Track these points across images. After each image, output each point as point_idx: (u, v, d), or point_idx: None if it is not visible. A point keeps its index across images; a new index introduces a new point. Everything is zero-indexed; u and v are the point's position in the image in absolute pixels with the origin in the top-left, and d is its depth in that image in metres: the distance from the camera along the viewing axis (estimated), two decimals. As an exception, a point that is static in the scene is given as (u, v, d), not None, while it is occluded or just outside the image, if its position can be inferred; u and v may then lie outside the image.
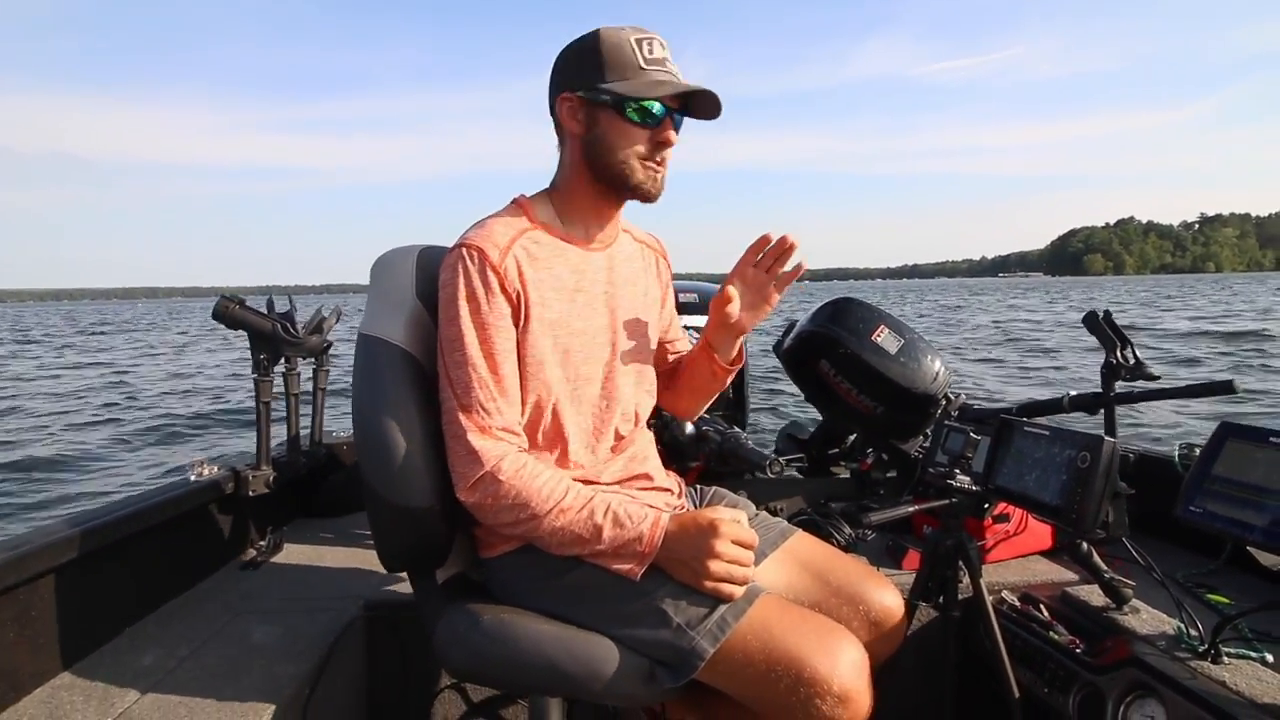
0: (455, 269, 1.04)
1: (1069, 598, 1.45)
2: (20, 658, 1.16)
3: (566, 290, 1.10)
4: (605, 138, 1.07)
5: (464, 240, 1.06)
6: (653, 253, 1.30)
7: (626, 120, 1.05)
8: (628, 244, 1.24)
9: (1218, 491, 1.12)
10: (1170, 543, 1.73)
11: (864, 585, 1.17)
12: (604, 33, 1.06)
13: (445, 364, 1.04)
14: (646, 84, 1.04)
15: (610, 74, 1.05)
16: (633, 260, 1.23)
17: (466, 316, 1.03)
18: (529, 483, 1.00)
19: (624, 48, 1.05)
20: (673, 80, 1.06)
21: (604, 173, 1.09)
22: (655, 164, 1.09)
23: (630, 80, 1.04)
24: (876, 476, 2.00)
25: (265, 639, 1.34)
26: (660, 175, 1.10)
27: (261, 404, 1.79)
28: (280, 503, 1.91)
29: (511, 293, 1.05)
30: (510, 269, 1.05)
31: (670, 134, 1.08)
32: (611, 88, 1.04)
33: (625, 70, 1.04)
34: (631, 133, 1.06)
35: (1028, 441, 1.25)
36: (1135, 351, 1.63)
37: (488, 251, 1.04)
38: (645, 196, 1.11)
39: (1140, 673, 1.16)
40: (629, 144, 1.07)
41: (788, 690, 0.93)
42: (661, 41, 1.07)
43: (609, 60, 1.05)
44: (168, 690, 1.17)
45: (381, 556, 1.13)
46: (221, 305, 1.73)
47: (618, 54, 1.05)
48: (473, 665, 1.05)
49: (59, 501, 5.24)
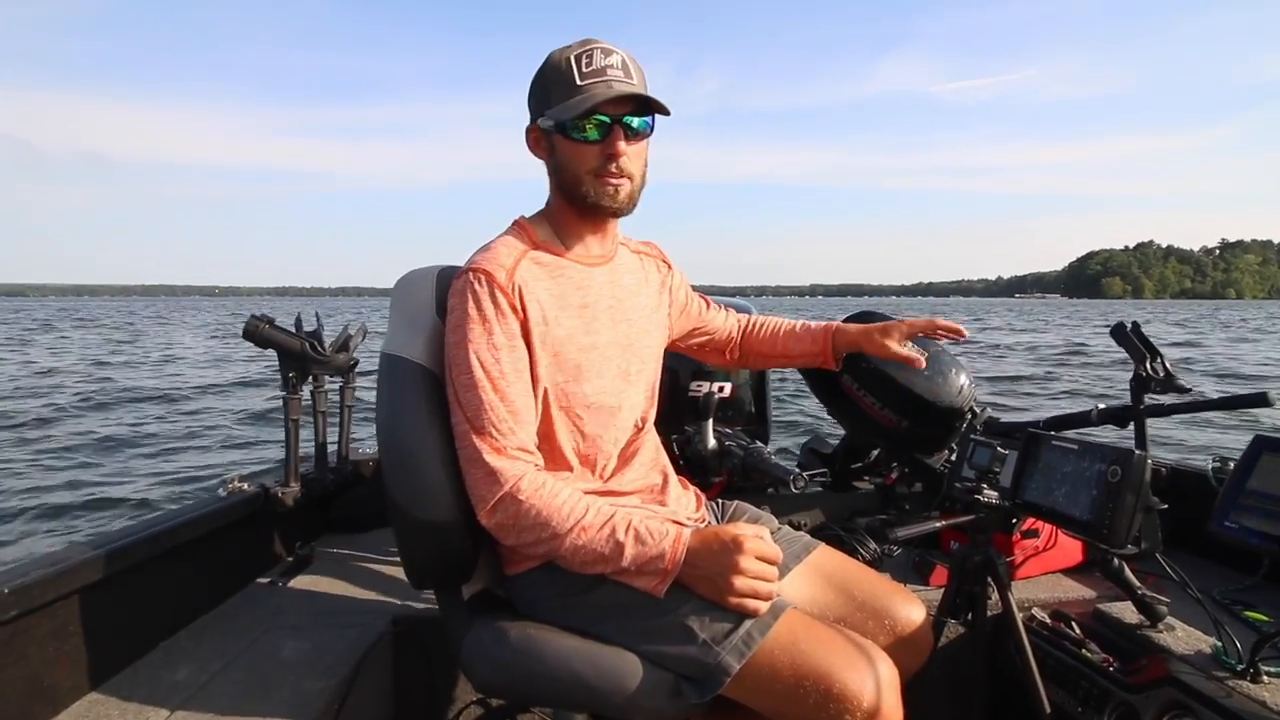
0: (464, 294, 1.05)
1: (1102, 615, 1.42)
2: (58, 673, 1.18)
3: (573, 307, 1.11)
4: (562, 162, 1.10)
5: (470, 265, 1.07)
6: (650, 259, 1.30)
7: (574, 141, 1.07)
8: (626, 256, 1.25)
9: (1253, 506, 1.09)
10: (1205, 558, 1.70)
11: (889, 600, 1.16)
12: (549, 58, 1.08)
13: (455, 388, 1.04)
14: (579, 101, 1.04)
15: (553, 98, 1.06)
16: (634, 271, 1.24)
17: (475, 339, 1.03)
18: (549, 501, 1.01)
19: (561, 68, 1.06)
20: (602, 91, 1.03)
21: (571, 195, 1.11)
22: (611, 178, 1.08)
23: (568, 101, 1.04)
24: (901, 491, 1.99)
25: (295, 654, 1.35)
26: (620, 187, 1.09)
27: (290, 421, 1.82)
28: (308, 519, 1.93)
29: (520, 313, 1.06)
30: (518, 290, 1.06)
31: (618, 145, 1.06)
32: (553, 113, 1.06)
33: (565, 91, 1.05)
34: (582, 152, 1.07)
35: (1056, 455, 1.23)
36: (1166, 363, 1.60)
37: (494, 274, 1.05)
38: (610, 212, 1.11)
39: (1177, 692, 1.14)
40: (582, 164, 1.08)
41: (816, 706, 0.92)
42: (606, 48, 1.06)
43: (550, 85, 1.07)
44: (200, 705, 1.18)
45: (408, 573, 1.14)
46: (251, 325, 1.76)
47: (556, 76, 1.06)
48: (498, 680, 1.05)
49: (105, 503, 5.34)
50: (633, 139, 1.08)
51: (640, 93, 1.05)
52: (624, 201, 1.10)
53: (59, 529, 4.58)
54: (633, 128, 1.07)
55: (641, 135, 1.09)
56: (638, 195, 1.13)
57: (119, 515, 4.90)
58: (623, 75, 1.06)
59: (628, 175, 1.09)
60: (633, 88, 1.05)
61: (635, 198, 1.12)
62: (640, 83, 1.08)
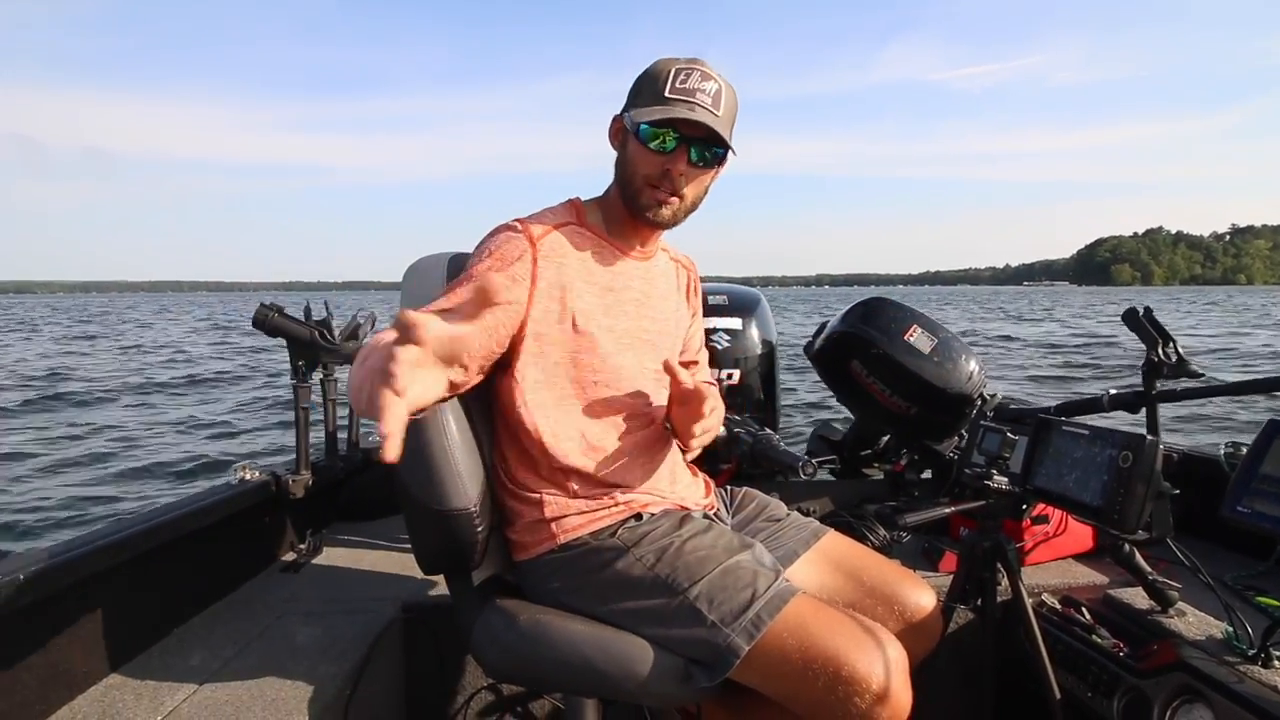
0: (496, 233, 1.09)
1: (1112, 600, 1.42)
2: (74, 658, 1.20)
3: (598, 286, 1.13)
4: (627, 159, 1.12)
5: (514, 218, 1.11)
6: (686, 272, 1.32)
7: (643, 145, 1.08)
8: (664, 260, 1.27)
9: (1267, 491, 1.09)
10: (1217, 544, 1.69)
11: (899, 585, 1.16)
12: (658, 61, 1.10)
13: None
14: (659, 111, 1.05)
15: (640, 100, 1.08)
16: (667, 276, 1.27)
17: (481, 263, 1.06)
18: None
19: (659, 77, 1.07)
20: (683, 111, 1.04)
21: (625, 191, 1.13)
22: (664, 192, 1.09)
23: (651, 107, 1.06)
24: (910, 478, 1.98)
25: (307, 640, 1.36)
26: (668, 204, 1.11)
27: (300, 409, 1.83)
28: (319, 506, 1.95)
29: (533, 265, 1.07)
30: (547, 247, 1.08)
31: (680, 164, 1.07)
32: (635, 113, 1.07)
33: (652, 98, 1.07)
34: (646, 158, 1.08)
35: (1067, 441, 1.22)
36: (1178, 348, 1.59)
37: (531, 227, 1.09)
38: (651, 222, 1.13)
39: (1188, 677, 1.14)
40: (642, 168, 1.09)
41: (825, 689, 0.93)
42: (706, 73, 1.07)
43: (644, 88, 1.09)
44: (215, 690, 1.20)
45: (418, 559, 1.15)
46: (261, 313, 1.77)
47: (652, 81, 1.08)
48: (508, 665, 1.06)
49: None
50: (697, 166, 1.09)
51: (711, 127, 1.05)
52: (666, 218, 1.12)
53: (70, 519, 4.63)
54: (699, 155, 1.08)
55: (706, 166, 1.10)
56: (683, 216, 1.14)
57: (133, 504, 4.96)
58: (710, 104, 1.07)
59: (679, 195, 1.11)
60: (713, 120, 1.06)
61: (680, 218, 1.14)
62: (727, 116, 1.09)
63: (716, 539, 1.08)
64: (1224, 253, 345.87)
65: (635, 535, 1.08)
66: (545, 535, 1.10)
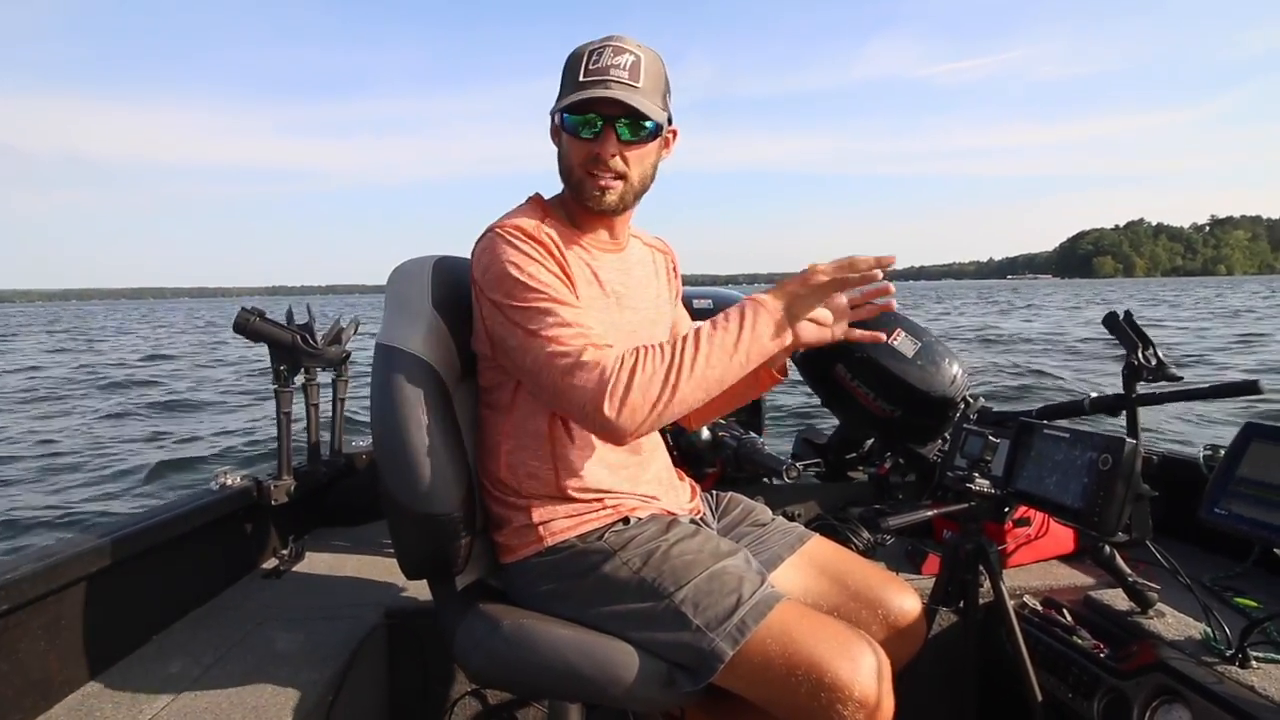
0: (495, 251, 1.05)
1: (1092, 602, 1.43)
2: (51, 666, 1.18)
3: (581, 282, 1.11)
4: (563, 154, 1.11)
5: (495, 226, 1.08)
6: (662, 256, 1.31)
7: (573, 135, 1.07)
8: (638, 248, 1.25)
9: (1243, 493, 1.10)
10: (1195, 546, 1.71)
11: (883, 589, 1.17)
12: (574, 50, 1.08)
13: (523, 331, 1.01)
14: (575, 98, 1.04)
15: (564, 91, 1.07)
16: (644, 264, 1.25)
17: (522, 268, 1.02)
18: (651, 353, 0.98)
19: (575, 64, 1.06)
20: (598, 92, 1.03)
21: (569, 185, 1.13)
22: (602, 178, 1.08)
23: (570, 96, 1.05)
24: (894, 481, 1.99)
25: (289, 647, 1.35)
26: (610, 189, 1.09)
27: (282, 414, 1.82)
28: (301, 512, 1.93)
29: (559, 254, 1.06)
30: (550, 243, 1.07)
31: (609, 146, 1.06)
32: (556, 106, 1.07)
33: (571, 86, 1.06)
34: (576, 147, 1.08)
35: (1048, 444, 1.24)
36: (1158, 352, 1.61)
37: (524, 226, 1.06)
38: (598, 210, 1.11)
39: (1166, 677, 1.15)
40: (575, 158, 1.09)
41: (808, 695, 0.93)
42: (619, 46, 1.06)
43: (565, 78, 1.08)
44: (195, 697, 1.18)
45: (402, 564, 1.14)
46: (242, 318, 1.75)
47: (569, 71, 1.07)
48: (492, 670, 1.05)
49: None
50: (629, 144, 1.07)
51: (625, 101, 1.03)
52: (611, 203, 1.10)
53: (46, 526, 4.56)
54: (628, 132, 1.06)
55: (640, 141, 1.08)
56: (631, 198, 1.12)
57: (106, 513, 4.88)
58: (627, 77, 1.04)
59: (619, 176, 1.09)
60: (630, 92, 1.03)
61: (628, 200, 1.12)
62: (651, 86, 1.07)
63: (703, 544, 1.08)
64: (1204, 244, 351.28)
65: (622, 539, 1.08)
66: (532, 538, 1.09)
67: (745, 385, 1.23)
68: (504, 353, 1.06)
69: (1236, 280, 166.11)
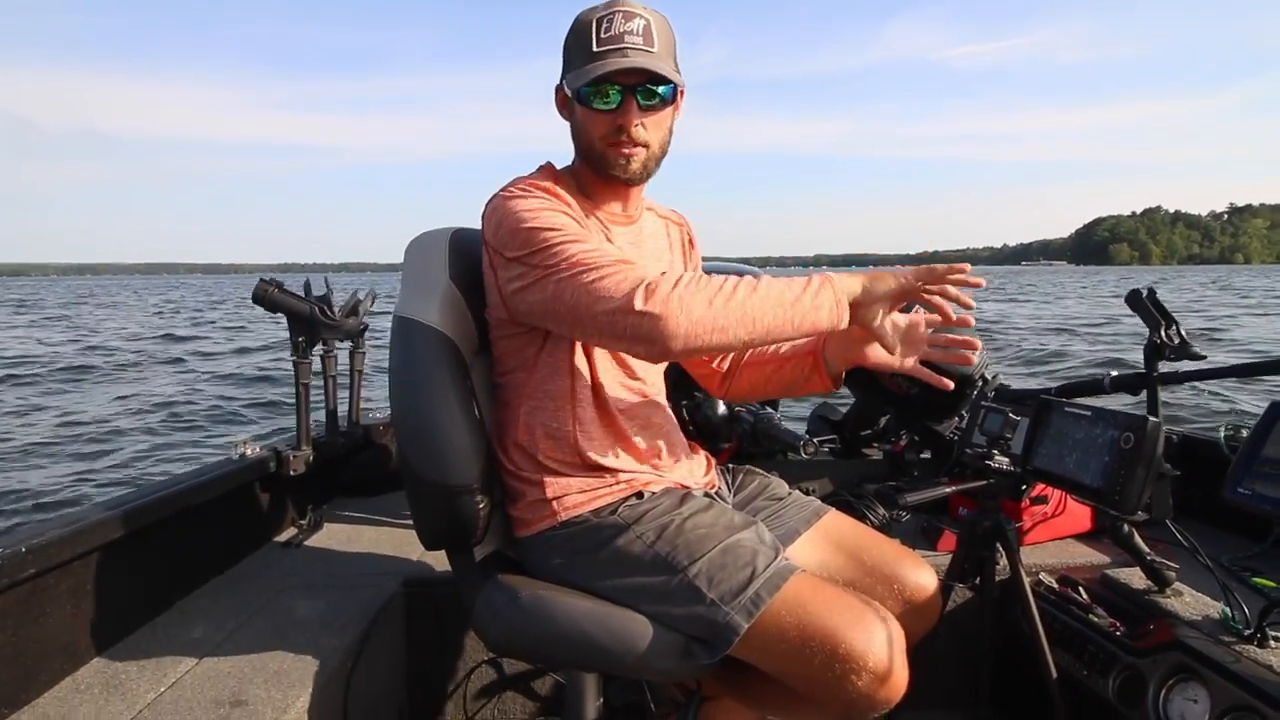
0: (505, 207, 1.03)
1: (1109, 580, 1.43)
2: (77, 630, 1.21)
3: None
4: (579, 126, 1.10)
5: (508, 184, 1.08)
6: (677, 227, 1.30)
7: (590, 108, 1.06)
8: (651, 221, 1.24)
9: (1268, 473, 1.08)
10: (1215, 526, 1.69)
11: (898, 564, 1.17)
12: (577, 18, 1.06)
13: (542, 270, 0.98)
14: (592, 69, 1.02)
15: (575, 62, 1.05)
16: (657, 236, 1.24)
17: (539, 225, 1.00)
18: (689, 272, 0.96)
19: (584, 32, 1.04)
20: (616, 61, 1.01)
21: (587, 158, 1.11)
22: (624, 147, 1.07)
23: (584, 67, 1.03)
24: (910, 458, 1.98)
25: (309, 614, 1.37)
26: (634, 157, 1.08)
27: (300, 385, 1.83)
28: (320, 482, 1.95)
29: (571, 206, 1.06)
30: (560, 193, 1.06)
31: (631, 115, 1.05)
32: (570, 78, 1.05)
33: (583, 56, 1.03)
34: (596, 119, 1.06)
35: (1068, 422, 1.22)
36: (1181, 330, 1.58)
37: (534, 180, 1.06)
38: (624, 179, 1.10)
39: (1183, 656, 1.14)
40: (596, 131, 1.07)
41: (823, 666, 0.93)
42: (629, 11, 1.03)
43: (574, 47, 1.06)
44: (217, 662, 1.21)
45: (420, 534, 1.15)
46: (260, 289, 1.76)
47: (577, 39, 1.05)
48: (510, 640, 1.07)
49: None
50: (648, 110, 1.06)
51: (648, 67, 1.02)
52: (636, 171, 1.09)
53: (71, 495, 4.64)
54: (647, 99, 1.05)
55: (658, 107, 1.07)
56: (654, 165, 1.12)
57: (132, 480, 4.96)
58: (642, 43, 1.03)
59: (642, 144, 1.08)
60: (649, 57, 1.02)
61: (651, 167, 1.11)
62: (664, 49, 1.05)
63: (717, 517, 1.08)
64: (1222, 232, 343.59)
65: (636, 513, 1.08)
66: (546, 513, 1.10)
67: (794, 376, 1.24)
68: (528, 309, 1.04)
69: (1257, 269, 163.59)
